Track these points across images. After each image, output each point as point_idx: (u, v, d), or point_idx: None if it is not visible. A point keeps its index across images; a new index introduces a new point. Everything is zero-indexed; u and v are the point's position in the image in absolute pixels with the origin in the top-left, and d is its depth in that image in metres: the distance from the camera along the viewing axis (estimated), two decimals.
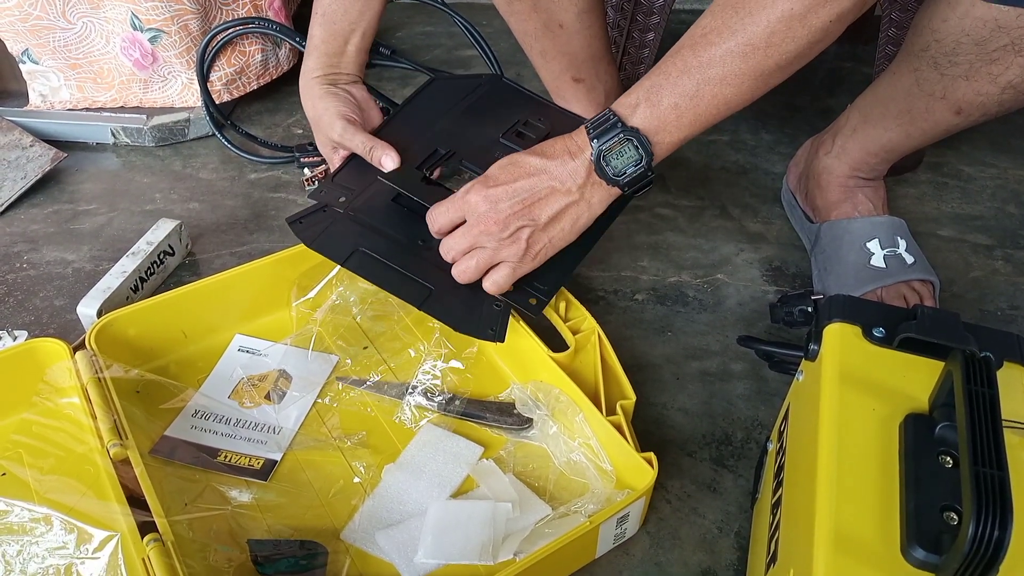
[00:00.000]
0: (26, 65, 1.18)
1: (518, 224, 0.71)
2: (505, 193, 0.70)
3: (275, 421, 0.79)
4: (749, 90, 0.66)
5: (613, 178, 0.69)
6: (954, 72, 0.77)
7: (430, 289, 0.77)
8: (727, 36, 0.64)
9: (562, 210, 0.71)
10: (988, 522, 0.39)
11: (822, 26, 0.63)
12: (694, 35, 0.67)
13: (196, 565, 0.63)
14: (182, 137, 1.20)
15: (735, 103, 0.67)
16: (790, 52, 0.64)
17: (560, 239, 0.73)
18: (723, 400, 0.85)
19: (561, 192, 0.70)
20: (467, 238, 0.73)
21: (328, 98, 0.86)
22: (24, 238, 1.04)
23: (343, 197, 0.84)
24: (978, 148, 1.22)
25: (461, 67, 1.39)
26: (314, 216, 0.82)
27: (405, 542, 0.69)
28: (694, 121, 0.68)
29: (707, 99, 0.66)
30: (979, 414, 0.44)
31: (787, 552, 0.54)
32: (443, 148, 0.86)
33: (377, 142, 0.83)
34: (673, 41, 0.70)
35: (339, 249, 0.80)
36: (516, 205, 0.70)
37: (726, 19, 0.65)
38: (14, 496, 0.68)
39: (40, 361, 0.76)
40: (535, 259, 0.73)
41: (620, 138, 0.68)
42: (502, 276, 0.74)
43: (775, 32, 0.63)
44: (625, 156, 0.68)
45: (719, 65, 0.65)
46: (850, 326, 0.58)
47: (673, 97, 0.67)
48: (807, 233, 1.02)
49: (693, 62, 0.66)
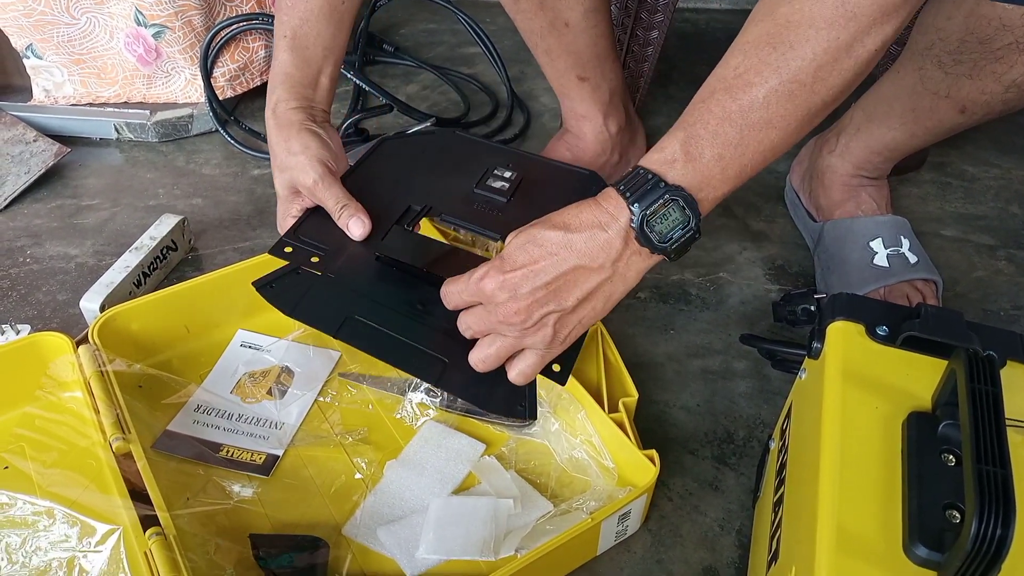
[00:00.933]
0: (30, 60, 1.18)
1: (543, 311, 0.60)
2: (524, 278, 0.59)
3: (277, 417, 0.79)
4: (795, 132, 0.59)
5: (659, 245, 0.59)
6: (958, 71, 0.77)
7: (443, 361, 0.68)
8: (768, 75, 0.57)
9: (593, 290, 0.61)
10: (991, 520, 0.39)
11: (867, 56, 0.57)
12: (726, 77, 0.58)
13: (198, 559, 0.63)
14: (185, 133, 1.21)
15: (780, 147, 0.59)
16: (836, 87, 0.58)
17: (591, 318, 0.63)
18: (725, 398, 0.85)
19: (591, 270, 0.60)
20: (486, 323, 0.63)
21: (309, 136, 0.75)
22: (27, 233, 1.04)
23: (315, 256, 0.72)
24: (982, 148, 1.22)
25: (464, 64, 1.39)
26: (287, 280, 0.72)
27: (407, 538, 0.69)
28: (740, 172, 0.59)
29: (752, 146, 0.58)
30: (982, 412, 0.44)
31: (789, 550, 0.54)
32: (416, 204, 0.77)
33: (351, 201, 0.73)
34: (677, 40, 0.69)
35: (327, 317, 0.70)
36: (539, 291, 0.60)
37: (763, 57, 0.57)
38: (17, 489, 0.69)
39: (43, 355, 0.76)
40: (564, 343, 0.64)
41: (664, 200, 0.58)
42: (529, 366, 0.64)
43: (822, 66, 0.56)
44: (671, 219, 0.59)
45: (762, 108, 0.57)
46: (853, 324, 0.58)
47: (716, 148, 0.58)
48: (810, 232, 1.02)
49: (732, 107, 0.57)
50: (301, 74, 0.77)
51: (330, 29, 0.77)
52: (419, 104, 1.28)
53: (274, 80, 0.78)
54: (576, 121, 1.03)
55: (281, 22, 0.77)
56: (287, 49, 0.77)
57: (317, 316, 0.71)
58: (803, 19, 0.56)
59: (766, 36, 0.57)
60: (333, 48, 0.78)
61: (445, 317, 0.68)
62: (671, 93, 1.32)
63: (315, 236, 0.74)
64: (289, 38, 0.77)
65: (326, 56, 0.78)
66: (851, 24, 0.55)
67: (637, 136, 1.10)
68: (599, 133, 1.03)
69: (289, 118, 0.76)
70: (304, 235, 0.74)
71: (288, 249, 0.73)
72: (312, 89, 0.78)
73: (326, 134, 0.77)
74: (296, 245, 0.73)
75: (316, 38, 0.77)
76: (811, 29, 0.56)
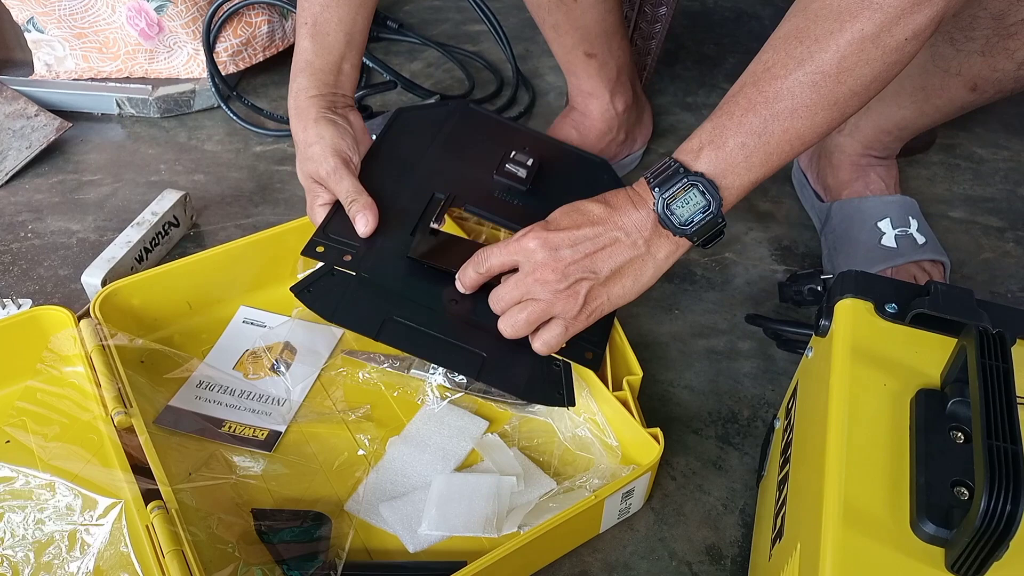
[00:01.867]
0: (31, 34, 1.17)
1: (578, 275, 0.64)
2: (567, 239, 0.64)
3: (280, 393, 0.79)
4: (824, 121, 0.60)
5: (680, 228, 0.63)
6: (970, 47, 0.76)
7: (482, 356, 0.70)
8: (793, 67, 0.59)
9: (626, 264, 0.65)
10: (1000, 496, 0.39)
11: (897, 45, 0.57)
12: (755, 72, 0.61)
13: (200, 533, 0.63)
14: (187, 108, 1.20)
15: (808, 137, 0.61)
16: (865, 76, 0.58)
17: (620, 296, 0.66)
18: (730, 378, 0.85)
19: (626, 244, 0.64)
20: (520, 287, 0.66)
21: (325, 125, 0.76)
22: (29, 208, 1.04)
23: (348, 255, 0.74)
24: (991, 130, 1.21)
25: (469, 42, 1.38)
26: (323, 282, 0.73)
27: (409, 514, 0.69)
28: (765, 160, 0.62)
29: (777, 135, 0.60)
30: (993, 388, 0.44)
31: (794, 527, 0.54)
32: (439, 192, 0.79)
33: (361, 195, 0.74)
34: (684, 18, 0.69)
35: (366, 320, 0.71)
36: (578, 253, 0.64)
37: (790, 51, 0.59)
38: (18, 463, 0.68)
39: (45, 329, 0.76)
40: (590, 317, 0.67)
41: (684, 184, 0.62)
42: (553, 336, 0.67)
43: (846, 57, 0.57)
44: (691, 203, 0.62)
45: (787, 98, 0.59)
46: (862, 302, 0.57)
47: (740, 136, 0.61)
48: (817, 212, 1.01)
49: (758, 98, 0.60)
50: (322, 61, 0.77)
51: (351, 15, 0.77)
52: (423, 81, 1.27)
53: (296, 68, 0.78)
54: (582, 99, 1.02)
55: (303, 9, 0.77)
56: (308, 36, 0.77)
57: (356, 319, 0.72)
58: (830, 12, 0.57)
59: (795, 31, 0.59)
60: (354, 34, 0.78)
61: (478, 312, 0.71)
62: (677, 72, 1.31)
63: (345, 233, 0.75)
64: (310, 25, 0.77)
65: (348, 42, 0.78)
66: (876, 15, 0.56)
67: (644, 115, 1.09)
68: (605, 111, 1.02)
69: (307, 107, 0.76)
70: (333, 232, 0.75)
71: (320, 249, 0.74)
72: (334, 76, 0.78)
73: (346, 121, 0.78)
74: (327, 244, 0.74)
75: (337, 24, 0.76)
76: (836, 22, 0.57)
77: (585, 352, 0.72)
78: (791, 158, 0.62)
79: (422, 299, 0.73)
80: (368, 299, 0.72)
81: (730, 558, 0.70)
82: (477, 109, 0.91)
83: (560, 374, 0.71)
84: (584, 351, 0.72)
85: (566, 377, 0.71)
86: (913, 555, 0.44)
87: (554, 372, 0.72)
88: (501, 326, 0.68)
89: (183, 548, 0.60)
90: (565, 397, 0.71)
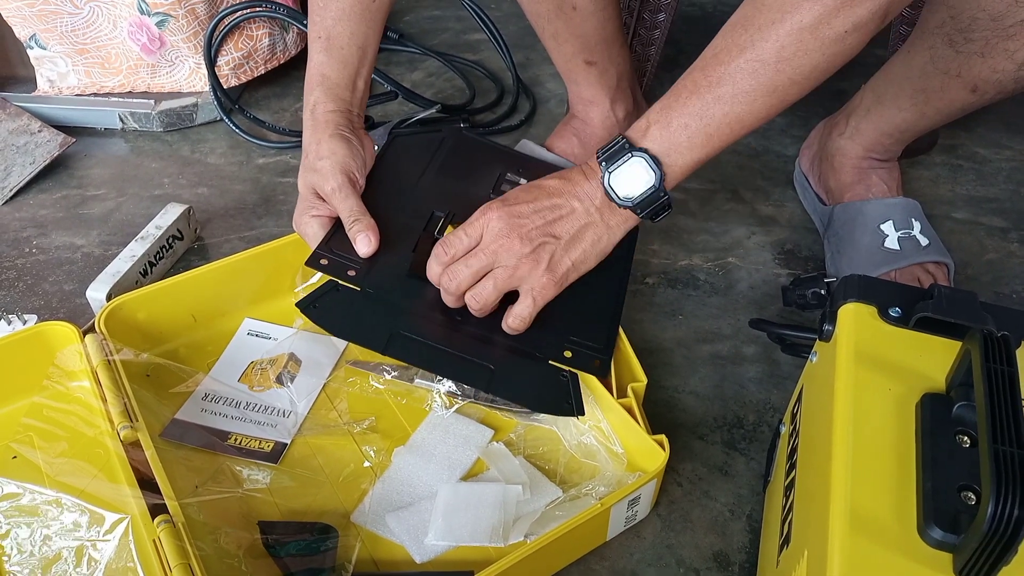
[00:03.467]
0: (34, 51, 1.18)
1: (540, 239, 0.67)
2: (528, 209, 0.68)
3: (285, 405, 0.79)
4: (763, 107, 0.64)
5: (622, 201, 0.67)
6: (970, 49, 0.76)
7: (490, 368, 0.71)
8: (736, 54, 0.63)
9: (582, 229, 0.68)
10: (1008, 501, 0.39)
11: (836, 36, 0.60)
12: (705, 57, 0.65)
13: (207, 547, 0.63)
14: (190, 122, 1.20)
15: (748, 121, 0.65)
16: (804, 66, 0.61)
17: (582, 262, 0.69)
18: (735, 383, 0.85)
19: (581, 212, 0.68)
20: (485, 256, 0.68)
21: (339, 142, 0.76)
22: (33, 223, 1.04)
23: (351, 270, 0.74)
24: (993, 130, 1.21)
25: (469, 51, 1.38)
26: (328, 298, 0.74)
27: (415, 524, 0.68)
28: (706, 141, 0.65)
29: (718, 118, 0.64)
30: (998, 392, 0.43)
31: (801, 534, 0.54)
32: (438, 211, 0.81)
33: (364, 216, 0.75)
34: (684, 24, 0.69)
35: (373, 335, 0.72)
36: (539, 219, 0.68)
37: (735, 38, 0.63)
38: (25, 479, 0.68)
39: (50, 344, 0.76)
40: (558, 284, 0.69)
41: (628, 160, 0.66)
42: (525, 308, 0.69)
43: (785, 47, 0.61)
44: (634, 178, 0.66)
45: (728, 83, 0.63)
46: (866, 306, 0.57)
47: (683, 117, 0.65)
48: (820, 216, 1.01)
49: (703, 82, 0.64)
50: (338, 76, 0.78)
51: (363, 28, 0.78)
52: (424, 91, 1.27)
53: (311, 82, 0.78)
54: (583, 106, 1.02)
55: (314, 23, 0.78)
56: (323, 51, 0.78)
57: (363, 334, 0.73)
58: (774, 2, 0.61)
59: (742, 19, 0.63)
60: (367, 48, 0.79)
61: (482, 325, 0.72)
62: (677, 78, 1.30)
63: (349, 248, 0.75)
64: (324, 39, 0.77)
65: (361, 57, 0.79)
66: (816, 7, 0.59)
67: None
68: (606, 118, 1.02)
69: (325, 121, 0.77)
70: (337, 247, 0.76)
71: (324, 261, 0.75)
72: (349, 92, 0.79)
73: (358, 141, 0.78)
74: (331, 257, 0.75)
75: (350, 38, 0.77)
76: (778, 12, 0.60)
77: (593, 360, 0.73)
78: (732, 140, 0.66)
79: (427, 313, 0.73)
80: (374, 314, 0.73)
81: (738, 564, 0.70)
82: (469, 135, 0.93)
83: (568, 384, 0.72)
84: (591, 359, 0.73)
85: (574, 387, 0.72)
86: (921, 561, 0.44)
87: (562, 383, 0.72)
88: (469, 302, 0.70)
89: (190, 562, 0.60)
90: (575, 407, 0.71)
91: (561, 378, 0.72)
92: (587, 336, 0.74)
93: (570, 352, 0.73)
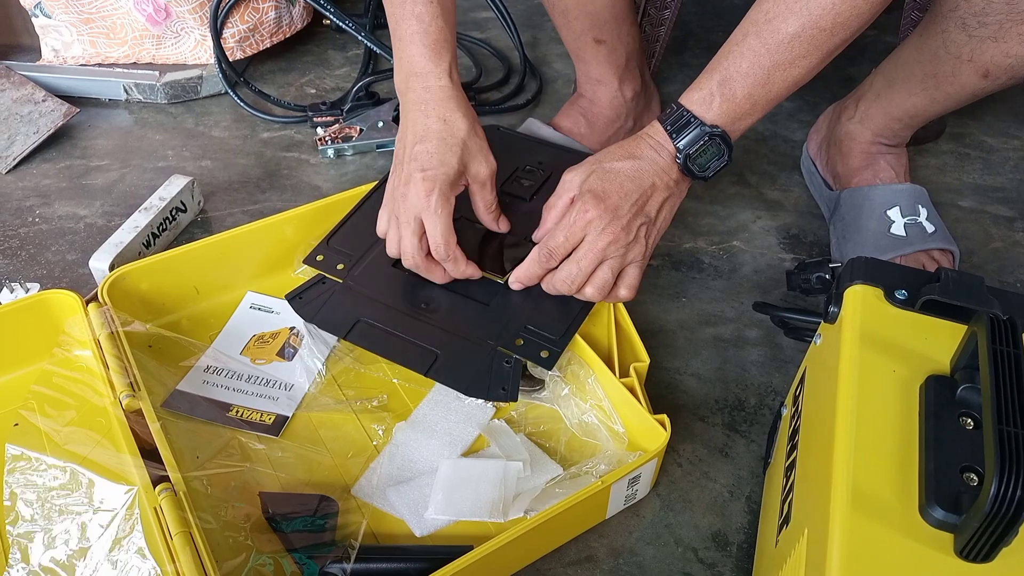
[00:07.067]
0: (39, 19, 1.17)
1: (638, 223, 0.72)
2: (621, 200, 0.70)
3: (286, 378, 0.79)
4: (817, 66, 0.68)
5: (700, 175, 0.72)
6: (983, 33, 0.75)
7: (436, 353, 0.75)
8: (792, 20, 0.65)
9: (664, 201, 0.73)
10: (1011, 481, 0.39)
11: None
12: (757, 21, 0.67)
13: (212, 521, 0.63)
14: (195, 94, 1.19)
15: (802, 82, 0.69)
16: (854, 27, 0.66)
17: (664, 227, 0.75)
18: (737, 366, 0.84)
19: (661, 188, 0.72)
20: (595, 254, 0.71)
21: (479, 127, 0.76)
22: (36, 193, 1.04)
23: (341, 264, 0.81)
24: (1001, 119, 1.20)
25: (477, 29, 1.37)
26: (313, 290, 0.80)
27: (416, 499, 0.69)
28: (767, 106, 0.70)
29: (778, 83, 0.68)
30: (1004, 373, 0.43)
31: (801, 512, 0.54)
32: None
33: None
34: (693, 6, 0.69)
35: (340, 322, 0.78)
36: (633, 207, 0.71)
37: (789, 3, 0.65)
38: (32, 447, 0.68)
39: (52, 313, 0.76)
40: (649, 252, 0.74)
41: (705, 140, 0.70)
42: (635, 278, 0.74)
43: (840, 12, 0.64)
44: (709, 153, 0.71)
45: (787, 50, 0.66)
46: (872, 288, 0.57)
47: (747, 88, 0.68)
48: (826, 201, 1.01)
49: (762, 50, 0.67)
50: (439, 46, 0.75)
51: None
52: None
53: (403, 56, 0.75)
54: (591, 85, 1.02)
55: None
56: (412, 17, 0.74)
57: (332, 321, 0.79)
58: None
59: None
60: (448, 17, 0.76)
61: (444, 314, 0.77)
62: (686, 60, 1.30)
63: (346, 245, 0.83)
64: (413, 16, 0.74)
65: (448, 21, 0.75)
66: None
67: (652, 102, 1.09)
68: (614, 98, 1.02)
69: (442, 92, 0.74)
70: (336, 244, 0.83)
71: (320, 258, 0.82)
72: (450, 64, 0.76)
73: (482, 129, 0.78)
74: (327, 253, 0.82)
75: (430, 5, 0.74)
76: None
77: (541, 350, 0.74)
78: (785, 98, 0.71)
79: (394, 303, 0.78)
80: (346, 304, 0.79)
81: (736, 544, 0.70)
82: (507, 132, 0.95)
83: (510, 371, 0.73)
84: (540, 349, 0.74)
85: (514, 374, 0.73)
86: (922, 540, 0.44)
87: (504, 369, 0.73)
88: (588, 292, 0.72)
89: (191, 531, 0.60)
90: (509, 393, 0.72)
91: (505, 364, 0.73)
92: (544, 327, 0.75)
93: (522, 340, 0.74)
